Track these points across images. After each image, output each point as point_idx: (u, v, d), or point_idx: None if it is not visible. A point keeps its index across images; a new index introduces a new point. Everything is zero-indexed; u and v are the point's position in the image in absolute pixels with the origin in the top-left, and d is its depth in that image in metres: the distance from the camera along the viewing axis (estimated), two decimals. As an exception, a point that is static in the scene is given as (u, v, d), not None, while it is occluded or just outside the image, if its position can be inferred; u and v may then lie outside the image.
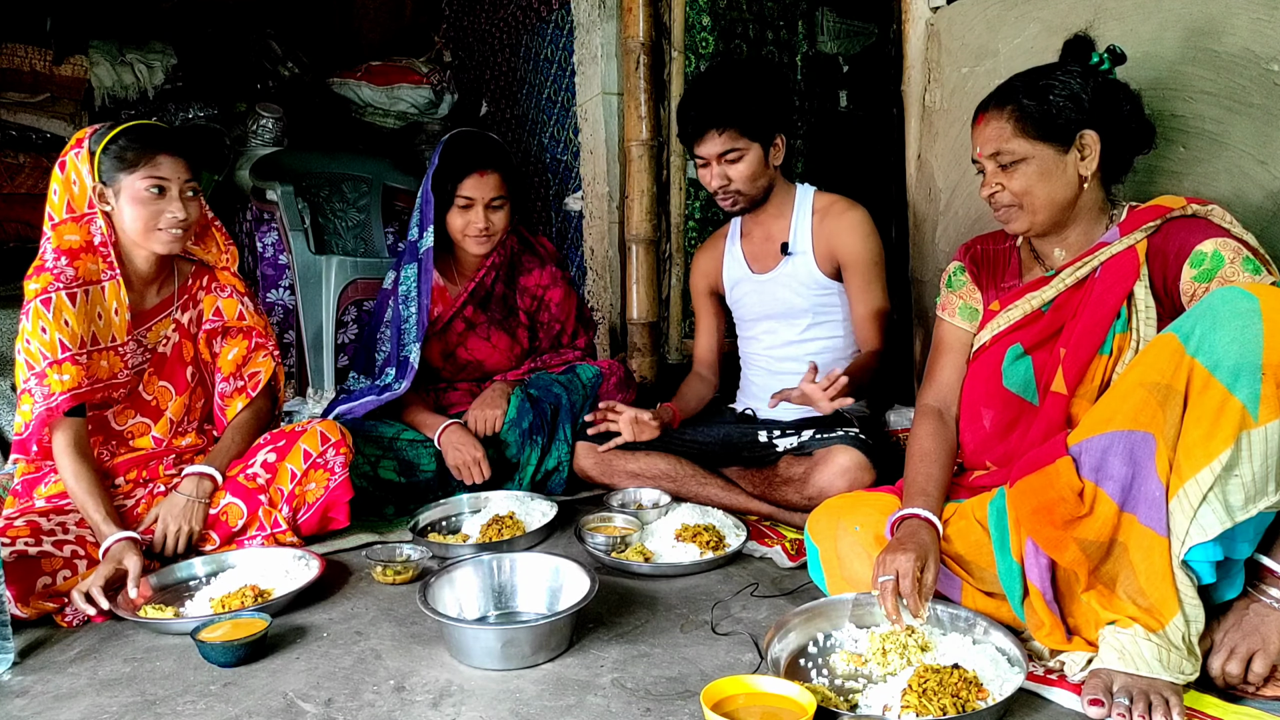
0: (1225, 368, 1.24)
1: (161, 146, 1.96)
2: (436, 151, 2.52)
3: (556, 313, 2.74)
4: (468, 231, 2.50)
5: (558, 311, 2.74)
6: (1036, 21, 2.14)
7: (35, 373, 1.89)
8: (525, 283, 2.71)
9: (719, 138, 2.21)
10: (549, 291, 2.72)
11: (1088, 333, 1.55)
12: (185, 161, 1.99)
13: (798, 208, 2.37)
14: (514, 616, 1.71)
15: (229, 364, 2.21)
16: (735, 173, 2.25)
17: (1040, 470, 1.43)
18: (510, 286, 2.70)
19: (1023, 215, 1.62)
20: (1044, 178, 1.58)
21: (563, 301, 2.73)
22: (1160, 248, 1.53)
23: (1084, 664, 1.37)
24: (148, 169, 1.94)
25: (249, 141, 4.00)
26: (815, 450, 2.12)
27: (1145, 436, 1.31)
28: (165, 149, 1.96)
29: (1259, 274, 1.42)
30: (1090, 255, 1.59)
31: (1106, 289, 1.55)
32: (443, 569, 1.71)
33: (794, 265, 2.36)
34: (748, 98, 2.20)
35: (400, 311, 2.56)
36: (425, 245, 2.50)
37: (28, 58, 3.92)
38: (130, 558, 1.80)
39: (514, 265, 2.70)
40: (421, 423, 2.48)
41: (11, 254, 3.78)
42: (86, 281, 1.95)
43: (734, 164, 2.24)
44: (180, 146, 2.00)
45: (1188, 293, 1.48)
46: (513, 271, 2.70)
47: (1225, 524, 1.25)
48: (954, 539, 1.57)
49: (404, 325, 2.54)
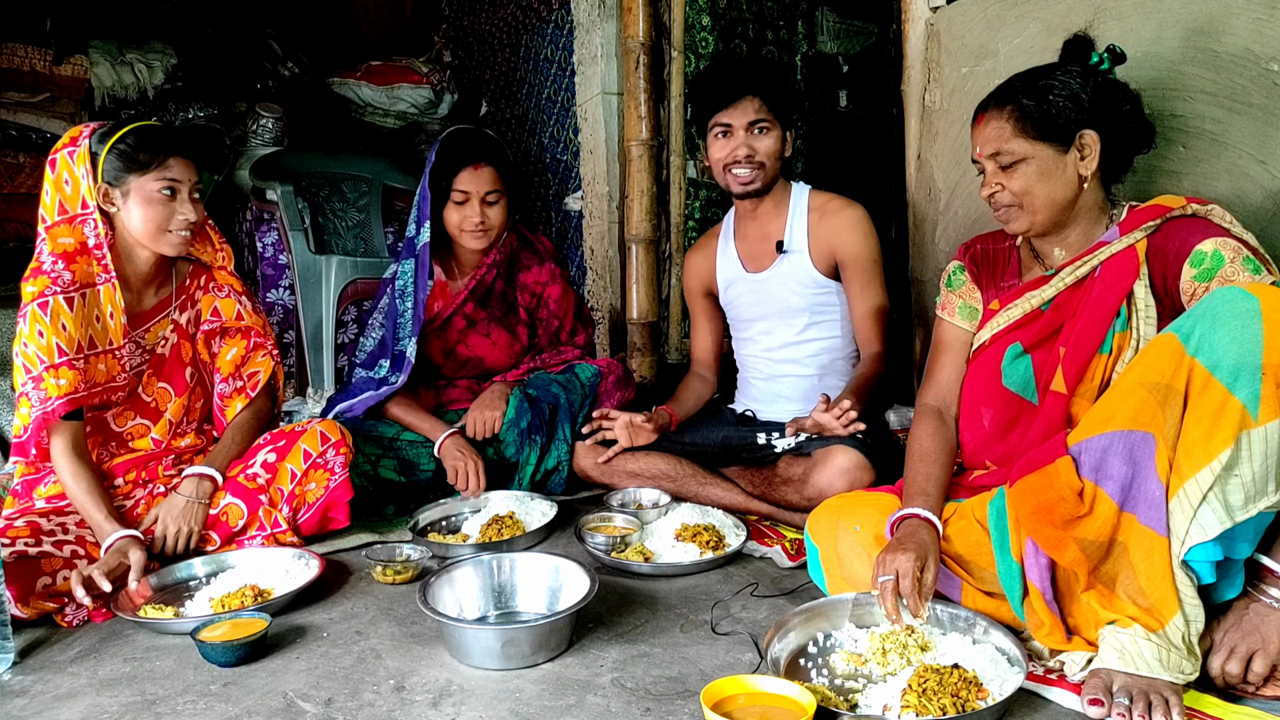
0: (1225, 367, 1.24)
1: (172, 148, 1.97)
2: (434, 148, 2.52)
3: (555, 309, 2.74)
4: (464, 226, 2.50)
5: (556, 308, 2.74)
6: (1036, 21, 2.14)
7: (32, 377, 1.88)
8: (524, 279, 2.71)
9: (752, 104, 2.22)
10: (548, 288, 2.72)
11: (1087, 332, 1.55)
12: (193, 163, 2.00)
13: (793, 206, 2.37)
14: (514, 616, 1.71)
15: (228, 364, 2.20)
16: (761, 145, 2.25)
17: (1040, 470, 1.43)
18: (510, 283, 2.70)
19: (1023, 215, 1.62)
20: (1044, 178, 1.58)
21: (561, 298, 2.74)
22: (1160, 247, 1.53)
23: (1084, 664, 1.37)
24: (160, 171, 1.94)
25: (249, 141, 4.00)
26: (814, 450, 2.11)
27: (1145, 436, 1.31)
28: (176, 150, 1.97)
29: (1259, 274, 1.42)
30: (1090, 254, 1.59)
31: (1106, 288, 1.55)
32: (443, 569, 1.71)
33: (790, 264, 2.35)
34: (781, 75, 2.25)
35: (396, 305, 2.57)
36: (421, 241, 2.51)
37: (28, 58, 3.92)
38: (134, 552, 1.81)
39: (513, 262, 2.71)
40: (418, 426, 2.47)
41: (11, 254, 3.78)
42: (83, 285, 1.94)
43: (761, 137, 2.25)
44: (188, 147, 2.00)
45: (1187, 292, 1.48)
46: (512, 268, 2.71)
47: (1225, 524, 1.25)
48: (954, 539, 1.57)
49: (399, 320, 2.55)
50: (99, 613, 1.76)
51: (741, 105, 2.22)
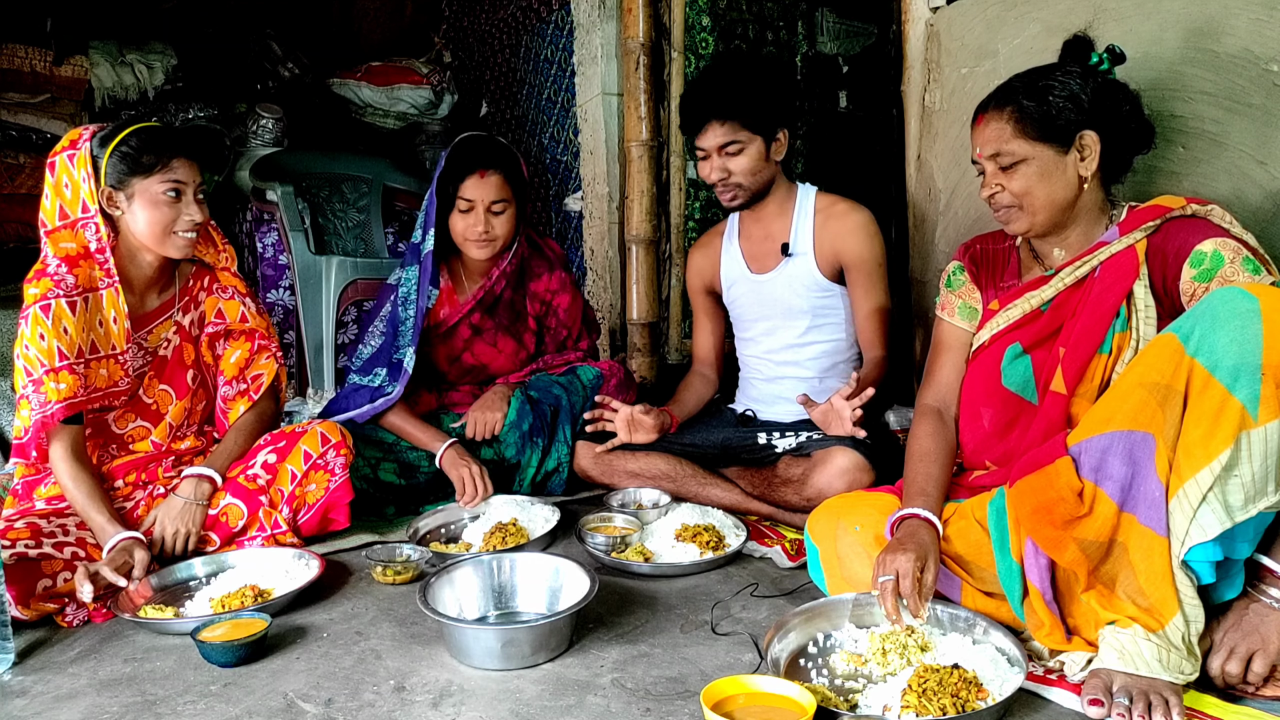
0: (1225, 368, 1.24)
1: (176, 149, 1.96)
2: (444, 152, 2.50)
3: (564, 319, 2.69)
4: (468, 235, 2.45)
5: (565, 318, 2.69)
6: (1036, 21, 2.14)
7: (33, 379, 1.88)
8: (535, 288, 2.66)
9: (720, 129, 2.19)
10: (557, 297, 2.67)
11: (1087, 332, 1.55)
12: (196, 164, 2.00)
13: (799, 208, 2.35)
14: (514, 617, 1.71)
15: (231, 367, 2.20)
16: (735, 165, 2.23)
17: (1040, 470, 1.43)
18: (519, 291, 2.66)
19: (1023, 216, 1.62)
20: (1044, 178, 1.57)
21: (570, 307, 2.69)
22: (1160, 247, 1.53)
23: (1084, 664, 1.37)
24: (164, 172, 1.93)
25: (249, 142, 4.00)
26: (814, 451, 2.11)
27: (1145, 436, 1.31)
28: (179, 151, 1.96)
29: (1259, 274, 1.42)
30: (1090, 254, 1.59)
31: (1106, 288, 1.55)
32: (442, 569, 1.71)
33: (794, 266, 2.34)
34: (750, 90, 2.18)
35: (399, 313, 2.54)
36: (426, 248, 2.49)
37: (28, 58, 3.92)
38: (138, 552, 1.82)
39: (523, 270, 2.65)
40: (416, 438, 2.43)
41: (11, 254, 3.78)
42: (86, 289, 1.93)
43: (734, 157, 2.22)
44: (191, 148, 2.00)
45: (1187, 292, 1.48)
46: (522, 276, 2.65)
47: (1225, 524, 1.25)
48: (954, 539, 1.57)
49: (400, 328, 2.51)
50: (99, 613, 1.76)
51: (709, 130, 2.20)
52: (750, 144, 2.22)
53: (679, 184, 3.17)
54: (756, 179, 2.27)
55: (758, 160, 2.24)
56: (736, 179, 2.25)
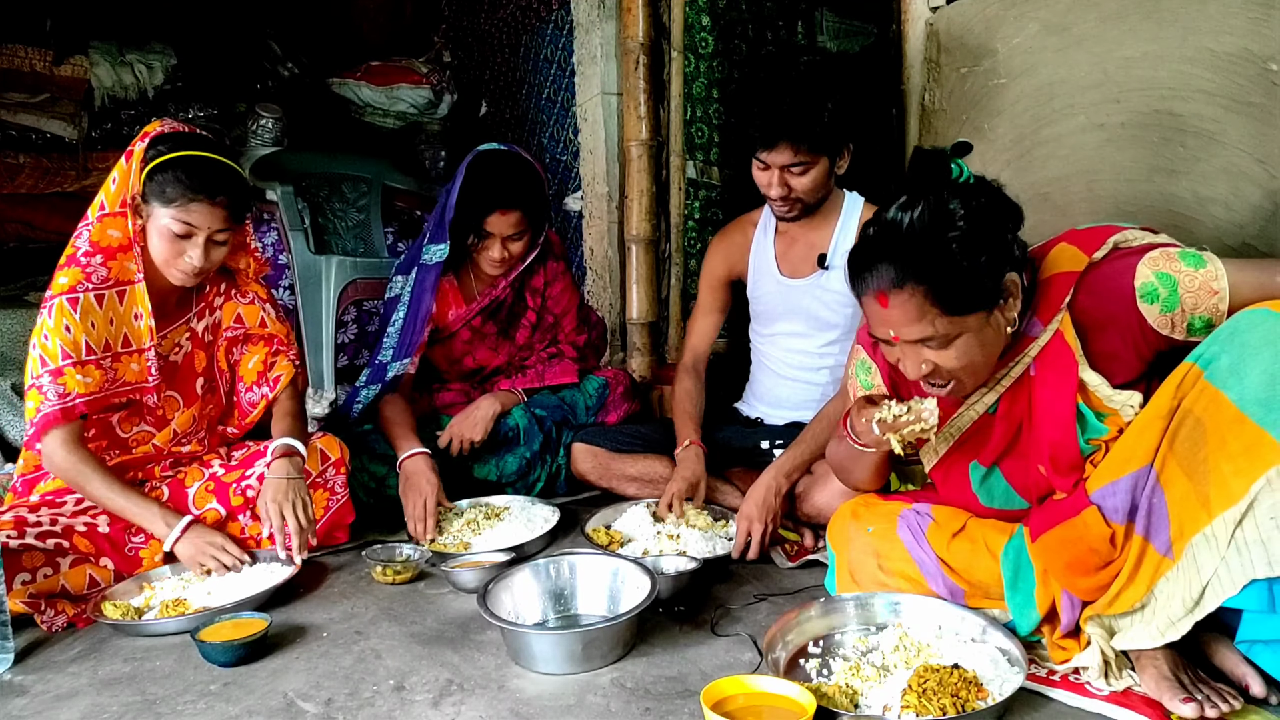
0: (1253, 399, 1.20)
1: (201, 192, 1.88)
2: (462, 167, 2.42)
3: (552, 305, 2.70)
4: (483, 261, 2.46)
5: (553, 305, 2.70)
6: (1036, 21, 2.14)
7: (50, 370, 1.84)
8: (534, 283, 2.67)
9: (790, 150, 2.06)
10: (550, 286, 2.68)
11: (1060, 446, 1.43)
12: (224, 211, 1.91)
13: (843, 219, 2.26)
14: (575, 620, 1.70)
15: (250, 372, 2.18)
16: (799, 184, 2.12)
17: (1067, 523, 1.41)
18: (520, 293, 2.67)
19: (966, 381, 1.44)
20: (982, 345, 1.39)
21: (561, 295, 2.70)
22: (1094, 316, 1.40)
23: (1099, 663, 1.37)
24: (179, 211, 1.87)
25: (249, 141, 4.00)
26: (816, 468, 2.08)
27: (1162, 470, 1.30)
28: (205, 195, 1.88)
29: (1201, 264, 1.33)
30: (1020, 354, 1.46)
31: (1053, 394, 1.42)
32: (501, 575, 1.69)
33: (830, 280, 2.24)
34: (825, 110, 2.05)
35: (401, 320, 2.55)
36: (434, 260, 2.46)
37: (28, 58, 3.91)
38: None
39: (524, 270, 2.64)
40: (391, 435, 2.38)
41: (11, 254, 3.76)
42: (117, 283, 1.91)
43: (799, 176, 2.11)
44: (223, 192, 1.91)
45: (1166, 326, 1.36)
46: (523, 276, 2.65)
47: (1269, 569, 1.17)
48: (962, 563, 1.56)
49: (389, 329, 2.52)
50: (81, 619, 1.76)
51: (779, 149, 2.06)
52: (816, 164, 2.11)
53: (678, 183, 3.17)
54: (816, 196, 2.17)
55: (821, 178, 2.13)
56: (797, 195, 2.14)
